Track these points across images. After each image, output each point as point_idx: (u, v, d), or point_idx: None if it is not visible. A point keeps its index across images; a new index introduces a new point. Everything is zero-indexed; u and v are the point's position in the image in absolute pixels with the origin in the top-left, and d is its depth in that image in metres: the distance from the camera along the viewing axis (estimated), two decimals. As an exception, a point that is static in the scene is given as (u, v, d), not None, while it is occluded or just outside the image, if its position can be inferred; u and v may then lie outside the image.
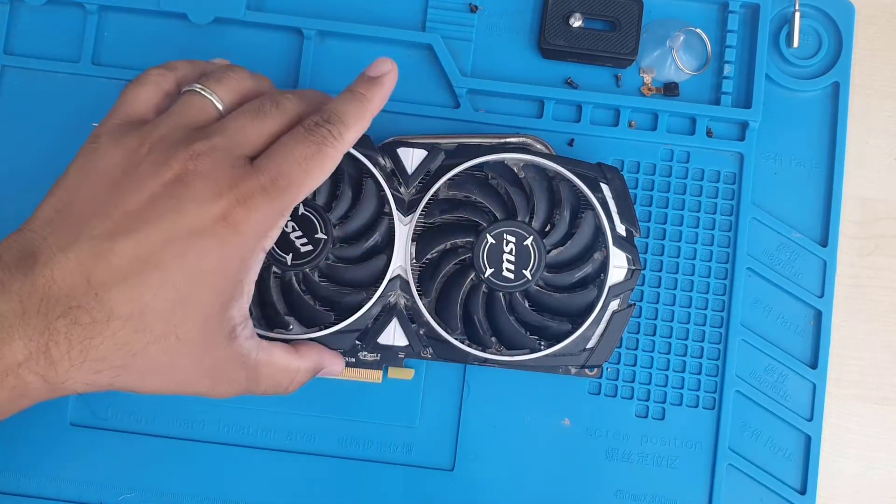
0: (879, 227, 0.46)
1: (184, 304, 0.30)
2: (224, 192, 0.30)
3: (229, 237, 0.30)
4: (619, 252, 0.40)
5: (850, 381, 0.45)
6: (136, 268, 0.29)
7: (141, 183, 0.30)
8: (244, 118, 0.33)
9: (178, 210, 0.30)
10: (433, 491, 0.43)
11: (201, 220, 0.30)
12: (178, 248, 0.30)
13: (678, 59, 0.45)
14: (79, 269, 0.29)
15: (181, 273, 0.30)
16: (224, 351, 0.32)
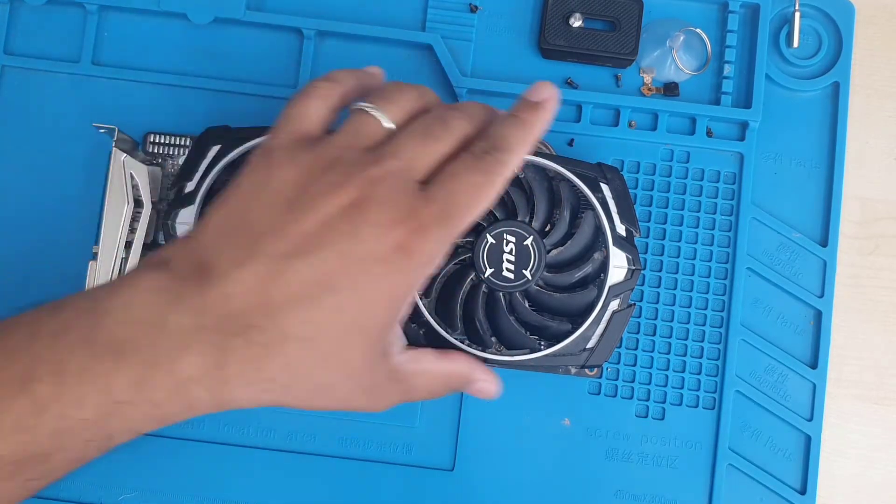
0: (879, 227, 0.46)
1: (353, 327, 0.30)
2: (401, 220, 0.30)
3: (403, 265, 0.30)
4: (619, 252, 0.40)
5: (850, 381, 0.45)
6: (311, 290, 0.29)
7: (317, 204, 0.30)
8: (414, 141, 0.32)
9: (354, 235, 0.29)
10: (433, 491, 0.43)
11: (378, 246, 0.30)
12: (353, 272, 0.29)
13: (678, 59, 0.45)
14: (255, 288, 0.29)
15: (354, 298, 0.30)
16: (381, 369, 0.32)
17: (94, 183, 0.44)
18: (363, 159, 0.31)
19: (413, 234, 0.30)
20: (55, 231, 0.44)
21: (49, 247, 0.44)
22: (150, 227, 0.40)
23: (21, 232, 0.44)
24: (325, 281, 0.29)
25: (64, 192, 0.44)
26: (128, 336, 0.29)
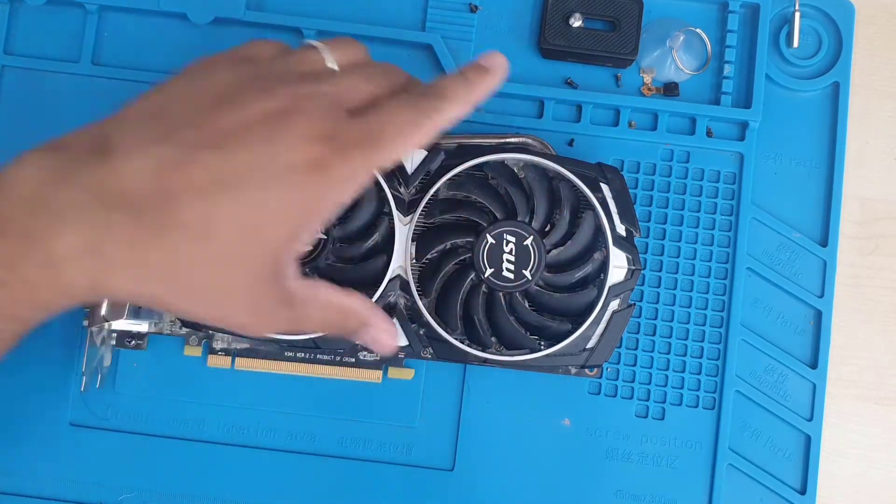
0: (879, 227, 0.46)
1: (250, 234, 0.29)
2: (322, 137, 0.29)
3: (315, 181, 0.29)
4: (619, 252, 0.40)
5: (850, 381, 0.45)
6: (213, 185, 0.28)
7: (243, 105, 0.29)
8: (354, 77, 0.32)
9: (271, 140, 0.29)
10: (433, 491, 0.43)
11: (293, 156, 0.29)
12: (262, 177, 0.28)
13: (678, 59, 0.45)
14: (155, 171, 0.28)
15: (257, 203, 0.28)
16: (271, 288, 0.30)
17: (95, 183, 0.44)
18: (300, 79, 0.31)
19: (332, 152, 0.29)
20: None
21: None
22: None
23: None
24: (230, 179, 0.28)
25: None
26: (8, 213, 0.28)
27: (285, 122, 0.29)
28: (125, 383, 0.44)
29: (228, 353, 0.43)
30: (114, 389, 0.44)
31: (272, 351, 0.43)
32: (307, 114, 0.30)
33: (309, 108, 0.30)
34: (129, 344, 0.43)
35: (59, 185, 0.28)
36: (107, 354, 0.43)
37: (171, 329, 0.43)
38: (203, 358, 0.43)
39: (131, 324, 0.42)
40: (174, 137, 0.28)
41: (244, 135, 0.29)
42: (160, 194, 0.28)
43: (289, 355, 0.43)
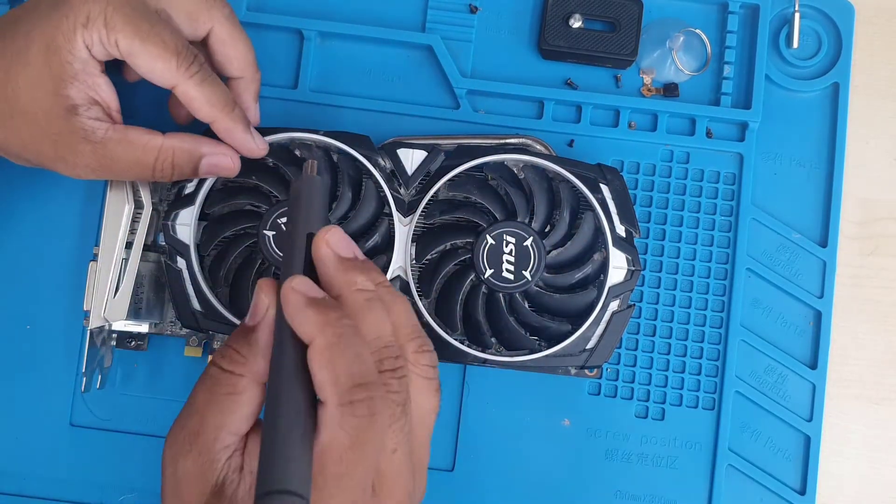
0: (879, 227, 0.46)
1: (22, 57, 0.34)
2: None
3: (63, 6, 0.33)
4: (619, 253, 0.40)
5: (850, 381, 0.45)
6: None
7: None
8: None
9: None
10: (433, 491, 0.43)
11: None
12: (34, 4, 0.34)
13: (678, 60, 0.45)
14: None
15: (25, 26, 0.34)
16: (63, 124, 0.34)
17: (95, 184, 0.44)
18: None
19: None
20: (56, 231, 0.44)
21: (50, 247, 0.44)
22: (150, 228, 0.40)
23: (21, 231, 0.44)
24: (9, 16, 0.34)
25: (64, 193, 0.44)
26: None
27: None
28: (125, 383, 0.44)
29: (228, 353, 0.43)
30: (114, 389, 0.44)
31: (272, 351, 0.43)
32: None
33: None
34: (129, 344, 0.43)
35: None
36: (107, 355, 0.43)
37: (171, 330, 0.43)
38: (203, 358, 0.43)
39: (131, 324, 0.42)
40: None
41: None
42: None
43: (289, 356, 0.43)
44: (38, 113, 0.34)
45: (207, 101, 0.36)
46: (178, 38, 0.35)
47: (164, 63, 0.34)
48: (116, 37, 0.33)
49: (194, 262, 0.39)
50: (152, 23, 0.34)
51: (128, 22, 0.33)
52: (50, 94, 0.34)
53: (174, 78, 0.35)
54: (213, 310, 0.39)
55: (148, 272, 0.41)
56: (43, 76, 0.34)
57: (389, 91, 0.45)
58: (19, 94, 0.34)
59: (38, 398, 0.44)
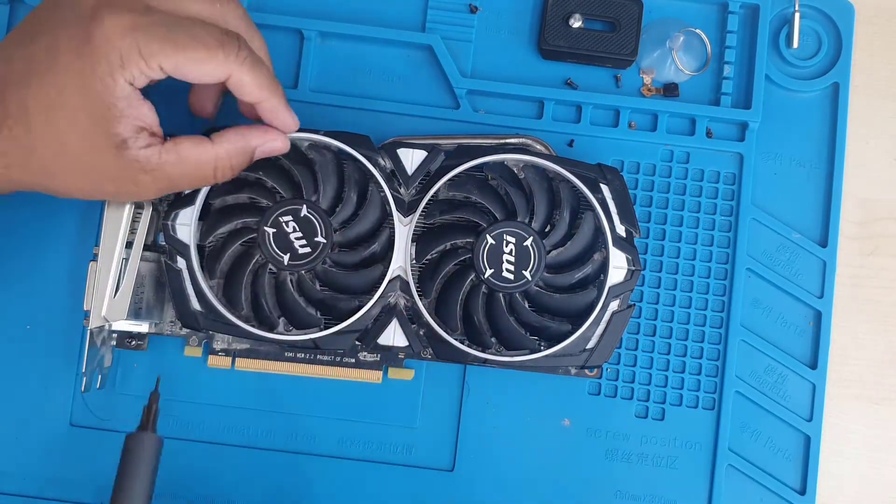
0: (879, 227, 0.46)
1: (60, 107, 0.32)
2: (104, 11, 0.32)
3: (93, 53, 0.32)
4: (619, 252, 0.40)
5: (850, 381, 0.45)
6: (24, 71, 0.32)
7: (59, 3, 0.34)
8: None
9: (65, 26, 0.32)
10: (433, 491, 0.43)
11: (76, 29, 0.32)
12: (53, 53, 0.32)
13: (678, 60, 0.45)
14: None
15: (53, 78, 0.32)
16: (116, 160, 0.33)
17: (95, 183, 0.44)
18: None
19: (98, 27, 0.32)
20: (56, 231, 0.44)
21: (50, 246, 0.44)
22: (150, 228, 0.40)
23: (22, 231, 0.44)
24: (33, 63, 0.32)
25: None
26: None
27: (76, 8, 0.33)
28: (125, 383, 0.44)
29: (228, 353, 0.43)
30: (114, 389, 0.44)
31: (272, 351, 0.43)
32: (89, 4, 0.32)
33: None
34: (129, 344, 0.43)
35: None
36: (107, 355, 0.43)
37: (171, 329, 0.43)
38: (203, 358, 0.43)
39: (131, 324, 0.42)
40: (8, 40, 0.34)
41: (45, 23, 0.33)
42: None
43: (289, 355, 0.43)
44: (90, 156, 0.33)
45: (258, 85, 0.35)
46: (213, 29, 0.34)
47: (213, 62, 0.33)
48: (159, 62, 0.32)
49: (194, 262, 0.39)
50: (185, 27, 0.33)
51: (164, 41, 0.32)
52: (100, 136, 0.33)
53: (226, 70, 0.34)
54: (213, 310, 0.39)
55: (148, 272, 0.41)
56: (88, 121, 0.33)
57: (389, 91, 0.45)
58: (66, 141, 0.33)
59: (38, 398, 0.44)
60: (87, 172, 0.34)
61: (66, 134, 0.33)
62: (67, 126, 0.33)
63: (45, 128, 0.33)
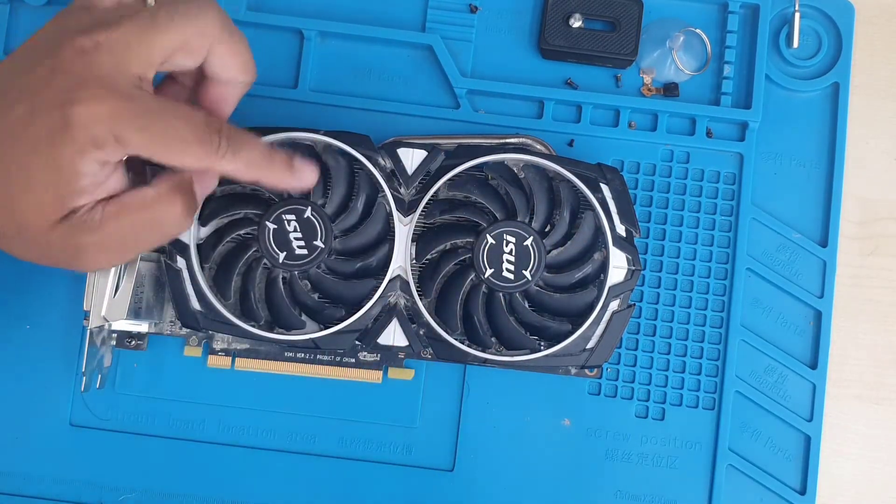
0: (879, 227, 0.46)
1: (19, 178, 0.30)
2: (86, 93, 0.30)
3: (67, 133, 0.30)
4: (619, 252, 0.40)
5: (850, 381, 0.45)
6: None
7: (32, 65, 0.31)
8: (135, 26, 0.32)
9: (40, 96, 0.30)
10: (433, 491, 0.43)
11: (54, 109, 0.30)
12: (24, 129, 0.30)
13: (678, 60, 0.45)
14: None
15: (21, 152, 0.30)
16: (67, 230, 0.31)
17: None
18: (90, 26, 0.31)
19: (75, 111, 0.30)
20: (55, 231, 0.44)
21: (49, 247, 0.44)
22: (151, 228, 0.40)
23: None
24: (5, 135, 0.30)
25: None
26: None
27: (52, 81, 0.30)
28: (125, 383, 0.44)
29: (228, 353, 0.43)
30: (114, 389, 0.44)
31: (272, 351, 0.43)
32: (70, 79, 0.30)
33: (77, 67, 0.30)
34: (129, 344, 0.43)
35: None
36: (107, 354, 0.43)
37: (171, 329, 0.43)
38: (203, 358, 0.43)
39: (131, 324, 0.42)
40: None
41: (21, 95, 0.31)
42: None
43: (289, 355, 0.43)
44: (38, 226, 0.31)
45: (246, 168, 0.34)
46: (193, 121, 0.32)
47: (190, 158, 0.32)
48: (134, 150, 0.31)
49: (194, 262, 0.39)
50: (165, 118, 0.31)
51: (142, 132, 0.31)
52: (54, 209, 0.31)
53: (203, 164, 0.33)
54: (213, 309, 0.39)
55: (148, 272, 0.41)
56: (47, 195, 0.31)
57: (389, 91, 0.45)
58: (16, 210, 0.31)
59: (38, 398, 0.44)
60: (32, 244, 0.32)
61: (17, 208, 0.31)
62: (20, 202, 0.31)
63: (5, 202, 0.31)
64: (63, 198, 0.31)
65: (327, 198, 0.40)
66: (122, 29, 0.31)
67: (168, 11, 0.32)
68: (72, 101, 0.30)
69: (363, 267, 0.40)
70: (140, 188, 0.33)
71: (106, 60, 0.31)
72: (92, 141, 0.30)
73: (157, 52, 0.32)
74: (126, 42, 0.31)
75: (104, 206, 0.32)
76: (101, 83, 0.30)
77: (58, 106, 0.30)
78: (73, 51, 0.31)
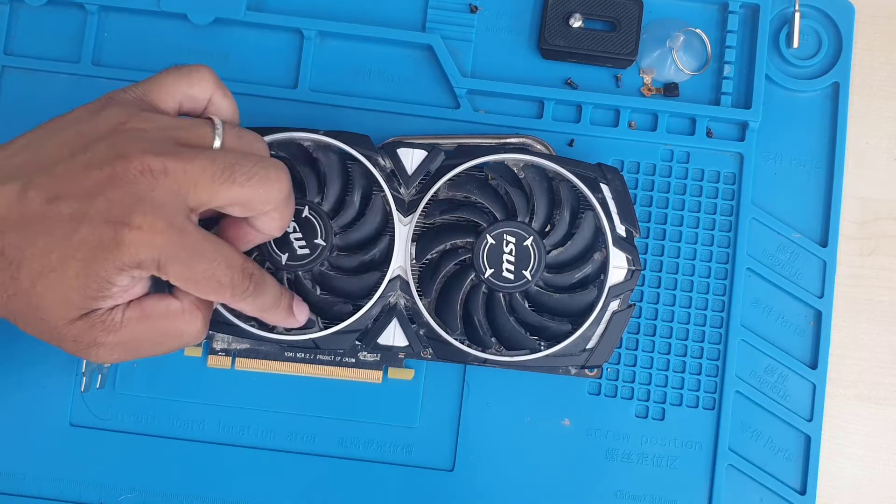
0: (879, 227, 0.46)
1: (50, 274, 0.30)
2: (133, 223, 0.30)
3: (114, 251, 0.30)
4: (619, 252, 0.40)
5: (850, 381, 0.45)
6: (35, 226, 0.30)
7: (92, 162, 0.31)
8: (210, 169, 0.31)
9: (92, 202, 0.30)
10: (433, 491, 0.43)
11: (96, 233, 0.30)
12: (70, 230, 0.30)
13: (678, 60, 0.45)
14: (3, 205, 0.30)
15: (60, 251, 0.30)
16: (86, 326, 0.32)
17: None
18: (161, 146, 0.31)
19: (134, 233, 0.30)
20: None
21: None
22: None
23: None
24: (48, 223, 0.30)
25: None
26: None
27: (116, 189, 0.30)
28: (125, 383, 0.44)
29: (228, 353, 0.43)
30: (114, 389, 0.44)
31: (272, 351, 0.43)
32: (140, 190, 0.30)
33: (143, 186, 0.30)
34: (129, 344, 0.43)
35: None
36: (107, 355, 0.43)
37: (171, 329, 0.43)
38: (203, 358, 0.43)
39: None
40: (28, 183, 0.31)
41: (75, 188, 0.30)
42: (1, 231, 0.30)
43: (289, 355, 0.43)
44: (59, 320, 0.31)
45: (259, 311, 0.35)
46: (233, 266, 0.32)
47: (216, 297, 0.33)
48: (167, 277, 0.31)
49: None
50: (209, 258, 0.32)
51: (184, 266, 0.31)
52: (76, 308, 0.31)
53: (229, 302, 0.33)
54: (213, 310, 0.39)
55: (148, 272, 0.41)
56: (74, 295, 0.31)
57: (389, 91, 0.45)
58: (41, 304, 0.31)
59: (38, 398, 0.44)
60: (47, 330, 0.32)
61: (41, 301, 0.31)
62: (45, 296, 0.31)
63: (25, 288, 0.31)
64: (89, 301, 0.31)
65: (323, 195, 0.40)
66: (194, 167, 0.31)
67: (248, 172, 0.32)
68: (127, 224, 0.30)
69: (367, 259, 0.40)
70: (164, 297, 0.33)
71: (168, 189, 0.30)
72: (136, 263, 0.30)
73: (219, 201, 0.32)
74: (194, 181, 0.31)
75: (125, 309, 0.32)
76: (159, 212, 0.30)
77: (112, 223, 0.30)
78: (140, 168, 0.30)
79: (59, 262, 0.30)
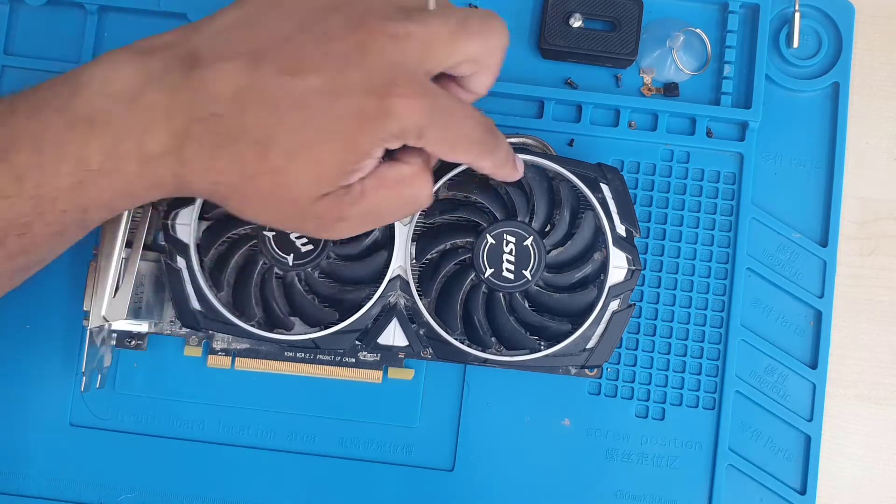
0: (879, 227, 0.46)
1: (306, 150, 0.30)
2: (382, 89, 0.30)
3: (379, 121, 0.30)
4: (619, 252, 0.40)
5: (850, 381, 0.45)
6: (282, 102, 0.30)
7: (329, 34, 0.30)
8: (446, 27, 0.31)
9: (345, 73, 0.30)
10: (433, 491, 0.43)
11: (350, 103, 0.29)
12: (326, 104, 0.29)
13: (678, 60, 0.45)
14: (233, 82, 0.30)
15: (317, 125, 0.30)
16: (332, 202, 0.31)
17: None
18: (387, 12, 0.31)
19: (381, 111, 0.30)
20: (55, 231, 0.44)
21: (49, 247, 0.44)
22: (150, 228, 0.40)
23: (21, 232, 0.44)
24: (299, 102, 0.30)
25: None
26: (103, 107, 0.30)
27: (366, 56, 0.30)
28: (125, 383, 0.44)
29: (228, 353, 0.43)
30: (114, 389, 0.44)
31: (272, 351, 0.43)
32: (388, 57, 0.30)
33: (391, 52, 0.30)
34: (129, 344, 0.43)
35: (150, 87, 0.30)
36: (107, 354, 0.43)
37: (171, 329, 0.43)
38: (203, 358, 0.43)
39: (131, 324, 0.42)
40: (258, 58, 0.30)
41: (322, 63, 0.30)
42: (232, 105, 0.29)
43: (289, 355, 0.43)
44: (304, 200, 0.31)
45: (495, 165, 0.35)
46: (480, 123, 0.33)
47: (466, 156, 0.33)
48: (424, 143, 0.31)
49: (194, 261, 0.39)
50: (459, 117, 0.32)
51: (442, 128, 0.31)
52: (324, 185, 0.31)
53: (469, 161, 0.34)
54: (213, 309, 0.39)
55: (148, 272, 0.41)
56: (323, 172, 0.30)
57: (389, 91, 0.45)
58: (289, 185, 0.31)
59: (38, 398, 0.44)
60: (290, 211, 0.32)
61: (294, 178, 0.30)
62: (299, 173, 0.30)
63: (277, 167, 0.30)
64: (346, 175, 0.31)
65: None
66: (431, 27, 0.31)
67: (479, 24, 0.32)
68: (392, 93, 0.30)
69: (371, 242, 0.40)
70: (395, 163, 0.33)
71: (414, 52, 0.30)
72: (399, 132, 0.30)
73: (456, 56, 0.31)
74: (433, 40, 0.31)
75: (363, 180, 0.32)
76: (413, 77, 0.30)
77: (373, 92, 0.29)
78: (385, 35, 0.30)
79: (317, 138, 0.30)
